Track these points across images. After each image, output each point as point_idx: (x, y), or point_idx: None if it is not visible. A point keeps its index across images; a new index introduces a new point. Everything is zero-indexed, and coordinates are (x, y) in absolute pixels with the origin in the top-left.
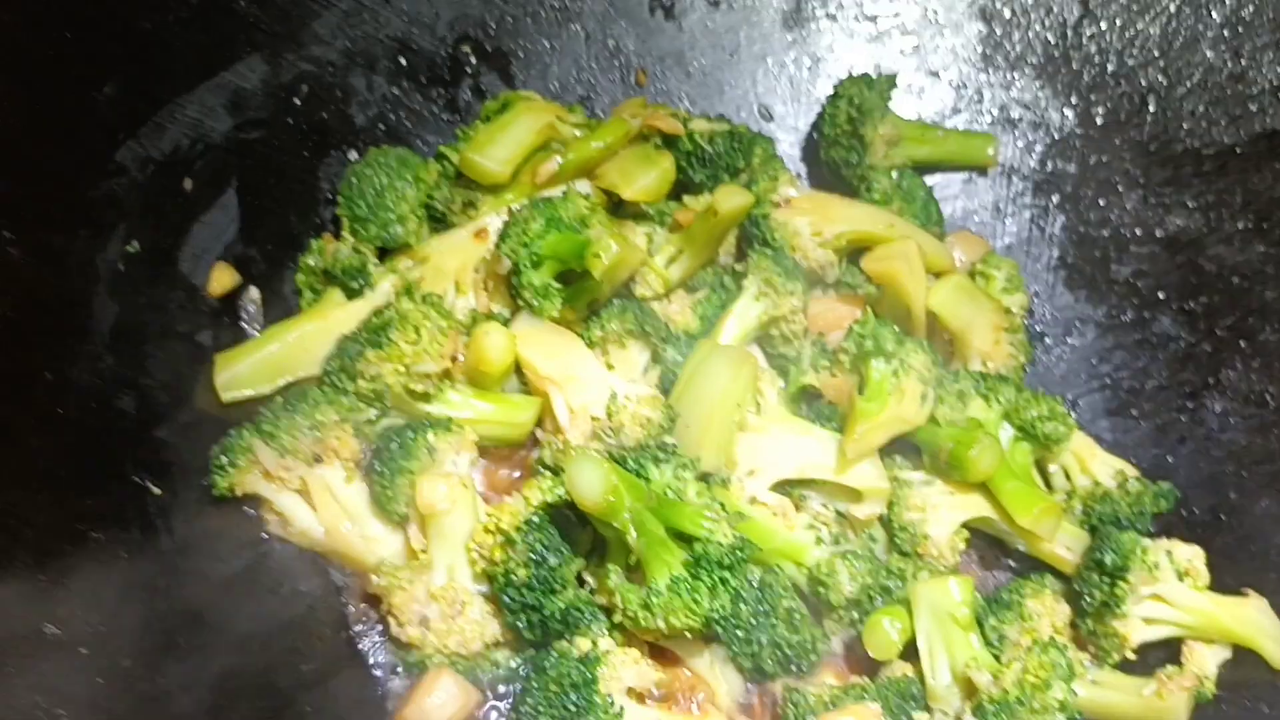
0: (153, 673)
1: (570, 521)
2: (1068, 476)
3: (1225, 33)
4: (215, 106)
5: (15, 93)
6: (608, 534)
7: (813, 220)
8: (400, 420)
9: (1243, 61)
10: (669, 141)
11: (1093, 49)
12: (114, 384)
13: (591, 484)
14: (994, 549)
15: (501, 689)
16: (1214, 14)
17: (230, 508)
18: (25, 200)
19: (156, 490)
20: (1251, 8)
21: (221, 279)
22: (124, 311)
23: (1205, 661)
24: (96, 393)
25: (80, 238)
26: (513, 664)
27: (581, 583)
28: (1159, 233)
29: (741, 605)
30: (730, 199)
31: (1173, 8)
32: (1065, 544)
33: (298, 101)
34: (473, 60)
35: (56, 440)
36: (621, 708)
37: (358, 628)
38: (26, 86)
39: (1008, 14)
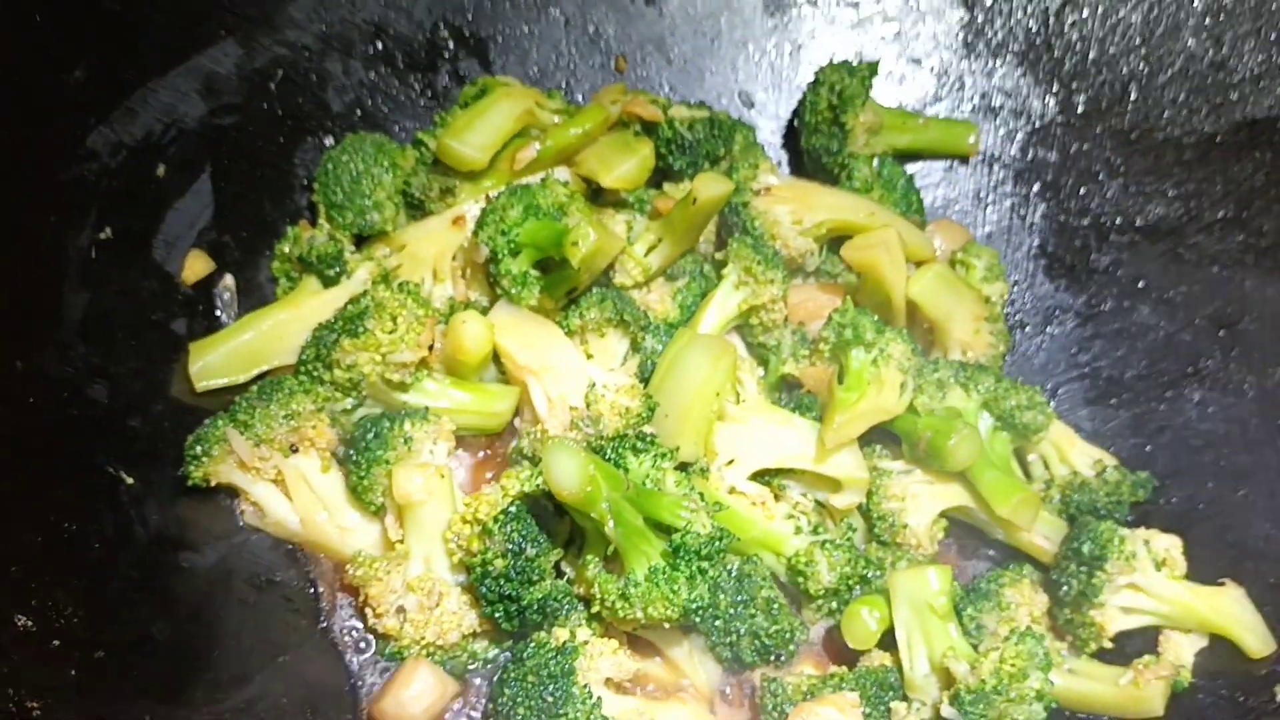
0: (126, 665)
1: (548, 511)
2: (1046, 465)
3: (1206, 21)
4: (188, 91)
5: None
6: (586, 524)
7: (793, 208)
8: (377, 409)
9: (1224, 50)
10: (649, 129)
11: (1074, 36)
12: (86, 373)
13: (569, 474)
14: (973, 538)
15: (479, 680)
16: (1195, 2)
17: (205, 498)
18: None
19: (129, 480)
20: None
21: (195, 266)
22: (96, 299)
23: (1182, 650)
24: (68, 382)
25: (51, 224)
26: (490, 655)
27: (559, 573)
28: (1139, 221)
29: (720, 595)
30: (710, 187)
31: None
32: (1043, 533)
33: (272, 86)
34: (451, 45)
35: (26, 429)
36: (599, 698)
37: (334, 619)
38: None
39: (989, 1)
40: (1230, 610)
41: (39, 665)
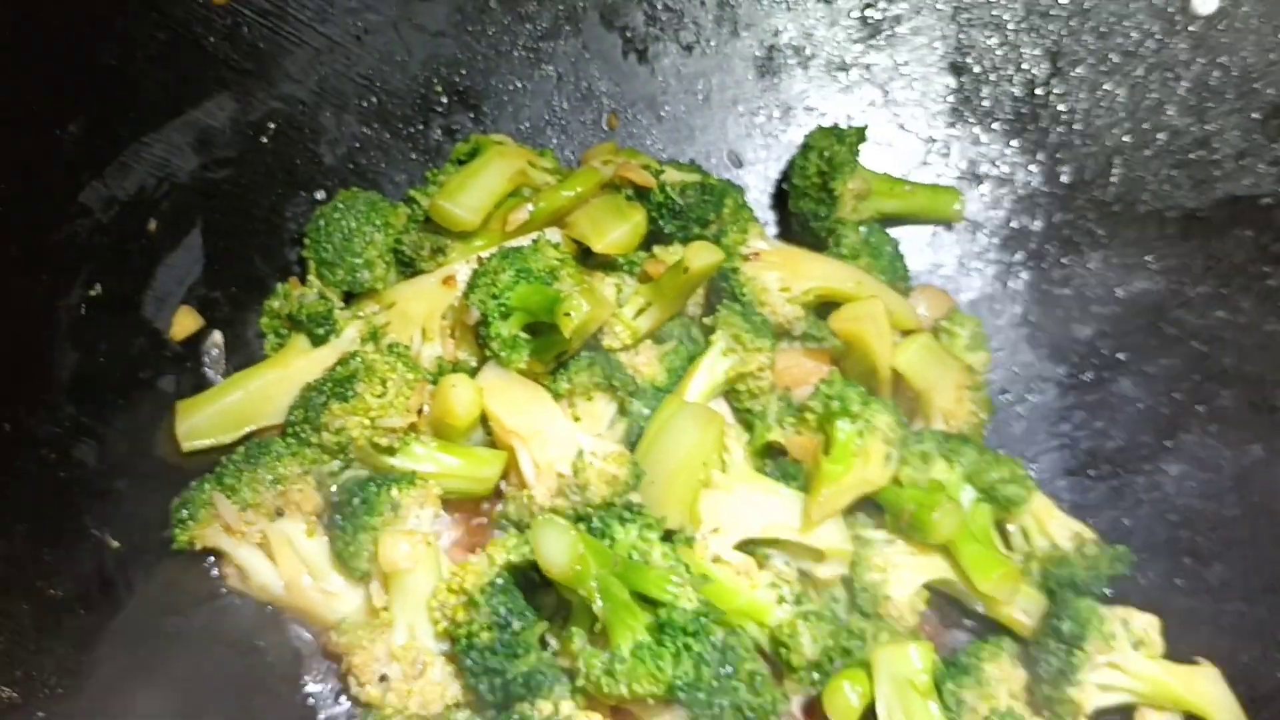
0: None
1: (534, 583)
2: (1026, 537)
3: (1191, 99)
4: (182, 145)
5: None
6: (572, 598)
7: (782, 275)
8: (363, 471)
9: (1207, 127)
10: (640, 193)
11: (1061, 108)
12: (74, 433)
13: (558, 552)
14: (953, 608)
15: None
16: (1182, 79)
17: (189, 561)
18: None
19: (115, 543)
20: (1217, 74)
21: (184, 323)
22: (85, 358)
23: None
24: (55, 443)
25: (42, 282)
26: None
27: (544, 645)
28: (1120, 293)
29: (704, 669)
30: (702, 256)
31: (1141, 71)
32: (1023, 608)
33: (266, 140)
34: (444, 100)
35: (14, 492)
36: None
37: (316, 686)
38: None
39: (977, 69)
40: (1205, 690)
41: None
